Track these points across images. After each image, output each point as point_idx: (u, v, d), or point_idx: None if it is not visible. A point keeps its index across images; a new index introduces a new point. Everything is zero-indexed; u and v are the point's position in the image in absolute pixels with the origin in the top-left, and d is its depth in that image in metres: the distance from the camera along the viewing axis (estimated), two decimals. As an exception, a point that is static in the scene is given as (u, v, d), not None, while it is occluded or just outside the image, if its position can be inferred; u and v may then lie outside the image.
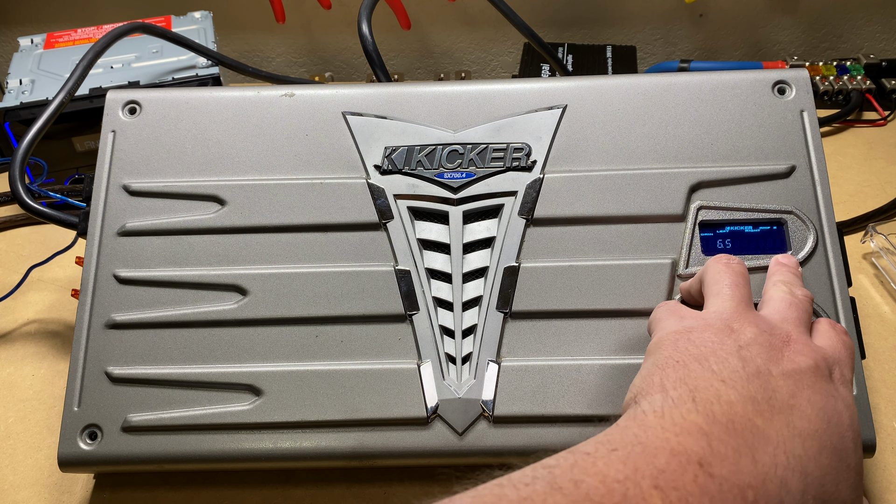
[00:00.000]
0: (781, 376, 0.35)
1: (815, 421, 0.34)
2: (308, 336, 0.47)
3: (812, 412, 0.34)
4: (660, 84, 0.51)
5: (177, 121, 0.52)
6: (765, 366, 0.35)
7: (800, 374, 0.35)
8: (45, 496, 0.48)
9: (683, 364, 0.35)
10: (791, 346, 0.37)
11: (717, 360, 0.35)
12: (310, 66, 0.97)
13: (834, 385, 0.36)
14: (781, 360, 0.36)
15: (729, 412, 0.33)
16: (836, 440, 0.34)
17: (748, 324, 0.37)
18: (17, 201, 0.53)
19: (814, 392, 0.35)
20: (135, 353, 0.47)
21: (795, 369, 0.35)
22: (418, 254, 0.48)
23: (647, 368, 0.37)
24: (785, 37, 0.91)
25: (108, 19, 0.85)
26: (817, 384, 0.35)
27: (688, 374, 0.35)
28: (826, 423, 0.34)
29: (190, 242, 0.49)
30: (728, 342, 0.36)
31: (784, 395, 0.34)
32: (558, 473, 0.30)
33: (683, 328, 0.38)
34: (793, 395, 0.34)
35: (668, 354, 0.36)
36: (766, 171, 0.49)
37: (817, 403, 0.34)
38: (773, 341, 0.37)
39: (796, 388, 0.35)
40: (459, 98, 0.51)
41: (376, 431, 0.45)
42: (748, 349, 0.36)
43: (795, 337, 0.37)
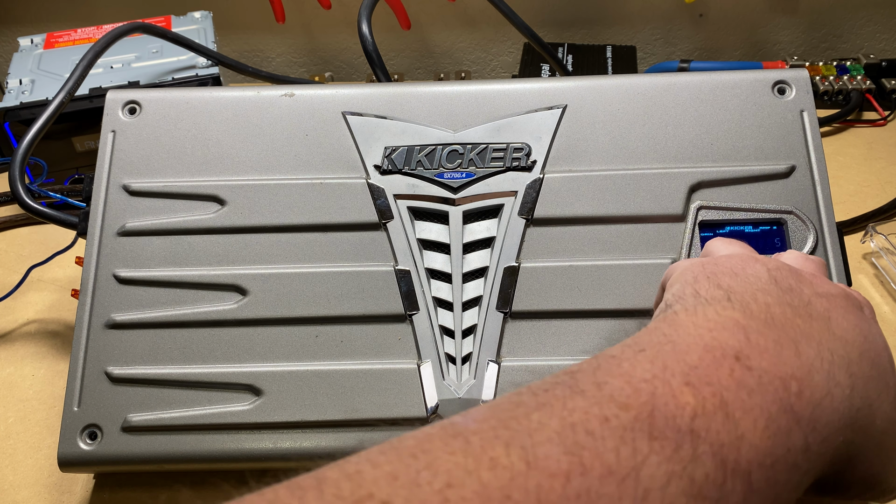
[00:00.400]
0: (815, 295, 0.33)
1: (851, 334, 0.32)
2: (308, 336, 0.47)
3: (849, 326, 0.32)
4: (660, 84, 0.51)
5: (177, 121, 0.52)
6: (797, 285, 0.34)
7: (832, 297, 0.34)
8: (45, 496, 0.48)
9: (714, 276, 0.34)
10: (817, 279, 0.35)
11: (750, 274, 0.34)
12: (310, 66, 0.97)
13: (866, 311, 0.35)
14: (812, 283, 0.34)
15: (767, 310, 0.31)
16: (874, 356, 0.32)
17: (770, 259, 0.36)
18: (17, 201, 0.53)
19: (847, 311, 0.33)
20: (135, 353, 0.47)
21: (827, 292, 0.34)
22: (418, 254, 0.48)
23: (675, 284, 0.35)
24: (785, 37, 0.91)
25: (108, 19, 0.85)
26: (849, 306, 0.34)
27: (720, 281, 0.33)
28: (863, 339, 0.32)
29: (190, 242, 0.49)
30: (757, 266, 0.34)
31: (820, 308, 0.33)
32: (580, 378, 0.28)
33: (706, 258, 0.36)
34: (828, 310, 0.33)
35: (696, 273, 0.34)
36: (766, 171, 0.49)
37: (852, 321, 0.33)
38: (798, 273, 0.35)
39: (830, 305, 0.33)
40: (459, 98, 0.51)
41: (376, 431, 0.45)
42: (778, 272, 0.34)
43: (819, 276, 0.36)
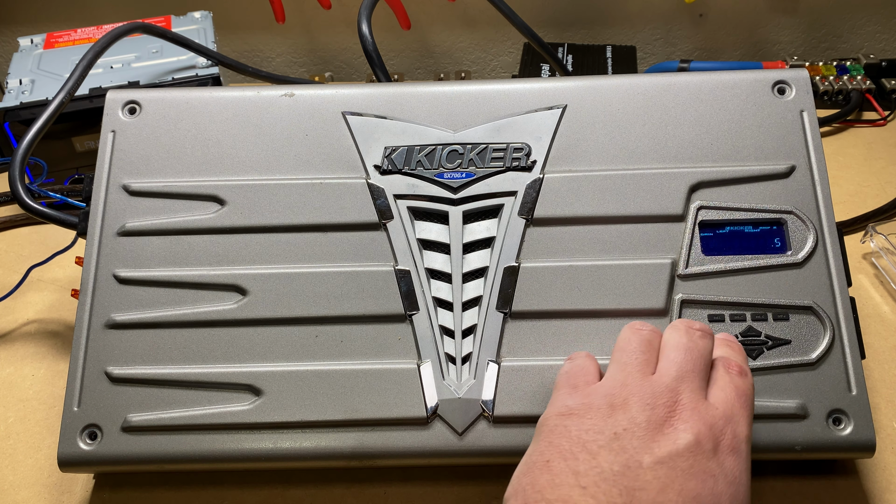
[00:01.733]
0: (653, 467, 0.34)
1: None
2: (308, 336, 0.47)
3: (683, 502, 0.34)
4: (660, 84, 0.51)
5: (177, 121, 0.52)
6: (636, 456, 0.35)
7: (675, 458, 0.35)
8: (45, 496, 0.48)
9: (549, 466, 0.35)
10: (676, 415, 0.36)
11: (585, 457, 0.35)
12: (310, 66, 0.97)
13: (718, 459, 0.36)
14: (660, 440, 0.35)
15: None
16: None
17: (633, 398, 0.37)
18: (17, 201, 0.53)
19: (688, 478, 0.34)
20: (135, 353, 0.47)
21: (672, 452, 0.35)
22: (418, 254, 0.48)
23: (523, 465, 0.37)
24: (785, 37, 0.91)
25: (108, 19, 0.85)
26: (695, 466, 0.35)
27: (551, 481, 0.35)
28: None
29: (190, 242, 0.49)
30: (605, 429, 0.36)
31: (652, 492, 0.34)
32: None
33: (566, 410, 0.38)
34: (662, 490, 0.34)
35: (542, 449, 0.37)
36: (766, 171, 0.49)
37: (690, 492, 0.34)
38: (654, 417, 0.36)
39: (668, 478, 0.34)
40: (459, 98, 0.51)
41: (376, 431, 0.45)
42: (623, 436, 0.36)
43: (684, 401, 0.37)
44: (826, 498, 0.46)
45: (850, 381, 0.45)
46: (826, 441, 0.44)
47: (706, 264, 0.47)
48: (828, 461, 0.47)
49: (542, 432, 0.38)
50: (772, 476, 0.47)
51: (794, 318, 0.46)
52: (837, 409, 0.44)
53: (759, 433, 0.44)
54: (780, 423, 0.44)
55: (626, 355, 0.40)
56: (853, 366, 0.45)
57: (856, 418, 0.44)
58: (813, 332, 0.46)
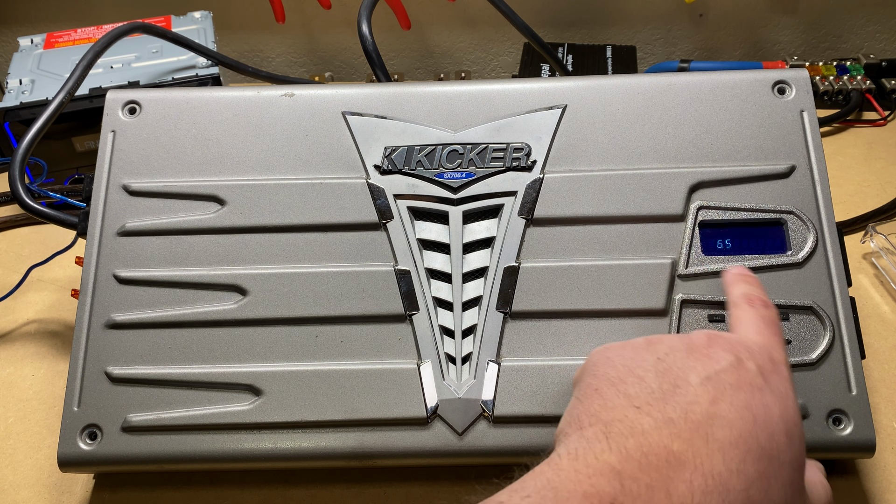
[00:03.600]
0: (700, 383, 0.35)
1: (737, 425, 0.33)
2: (308, 336, 0.47)
3: (735, 416, 0.34)
4: (660, 84, 0.51)
5: (177, 121, 0.52)
6: (683, 375, 0.35)
7: (720, 375, 0.35)
8: (45, 496, 0.48)
9: (600, 392, 0.36)
10: (712, 343, 0.37)
11: (634, 380, 0.36)
12: (310, 66, 0.97)
13: (763, 376, 0.36)
14: (702, 361, 0.36)
15: (643, 444, 0.33)
16: (763, 440, 0.34)
17: (668, 337, 0.38)
18: (17, 201, 0.53)
19: (736, 392, 0.35)
20: (135, 353, 0.47)
21: (716, 371, 0.35)
22: (418, 254, 0.48)
23: (572, 401, 0.38)
24: (785, 37, 0.91)
25: (108, 19, 0.85)
26: (741, 381, 0.35)
27: (603, 405, 0.35)
28: (752, 424, 0.34)
29: (190, 242, 0.49)
30: (646, 355, 0.37)
31: (704, 404, 0.34)
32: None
33: (605, 349, 0.39)
34: (713, 402, 0.34)
35: (588, 382, 0.37)
36: (766, 171, 0.49)
37: (740, 402, 0.34)
38: (692, 343, 0.37)
39: (717, 391, 0.35)
40: (459, 98, 0.51)
41: (376, 431, 0.45)
42: (666, 359, 0.36)
43: (716, 337, 0.38)
44: (826, 498, 0.46)
45: (850, 381, 0.45)
46: (826, 441, 0.44)
47: (706, 264, 0.47)
48: (828, 461, 0.47)
49: (585, 370, 0.38)
50: (772, 476, 0.47)
51: (794, 318, 0.46)
52: (837, 409, 0.44)
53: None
54: (780, 423, 0.44)
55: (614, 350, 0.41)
56: (853, 366, 0.45)
57: (856, 418, 0.44)
58: (813, 332, 0.46)
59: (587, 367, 0.39)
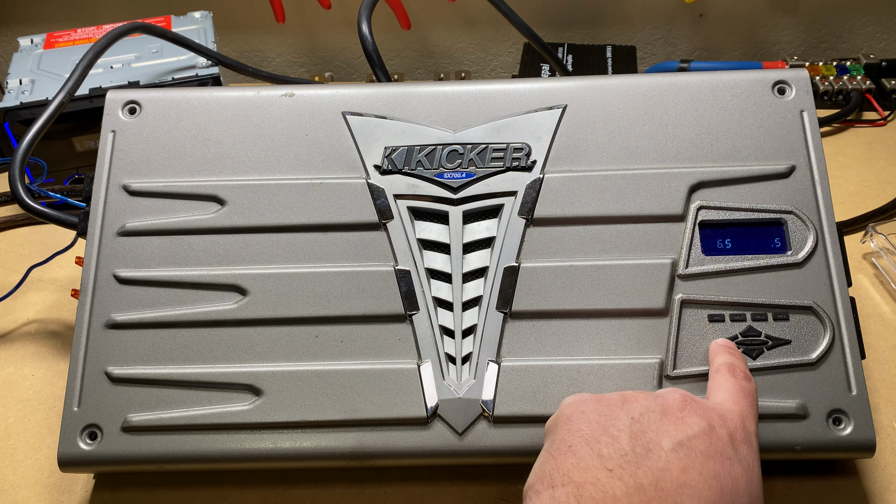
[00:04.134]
0: (673, 449, 0.36)
1: (705, 495, 0.34)
2: (308, 336, 0.47)
3: (703, 486, 0.35)
4: (660, 84, 0.51)
5: (177, 121, 0.52)
6: (656, 438, 0.36)
7: (693, 441, 0.36)
8: (45, 496, 0.48)
9: (573, 450, 0.36)
10: (686, 407, 0.38)
11: (608, 440, 0.36)
12: (310, 66, 0.97)
13: (733, 445, 0.37)
14: (676, 425, 0.37)
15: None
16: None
17: (642, 394, 0.39)
18: (17, 201, 0.53)
19: (706, 460, 0.35)
20: (135, 353, 0.47)
21: (688, 436, 0.36)
22: (418, 254, 0.48)
23: (543, 454, 0.38)
24: (785, 37, 0.91)
25: (108, 19, 0.85)
26: (712, 448, 0.36)
27: (577, 465, 0.36)
28: (719, 495, 0.35)
29: (190, 242, 0.49)
30: (621, 415, 0.37)
31: (675, 472, 0.35)
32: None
33: (580, 401, 0.39)
34: (684, 470, 0.35)
35: (562, 437, 0.38)
36: (766, 171, 0.49)
37: (710, 472, 0.35)
38: (666, 406, 0.38)
39: (688, 459, 0.35)
40: (459, 98, 0.51)
41: (376, 431, 0.45)
42: (640, 420, 0.37)
43: (693, 399, 0.38)
44: (826, 498, 0.46)
45: (850, 381, 0.45)
46: (826, 441, 0.44)
47: (706, 264, 0.47)
48: (828, 461, 0.47)
49: (559, 423, 0.39)
50: (772, 476, 0.47)
51: (794, 318, 0.46)
52: (837, 409, 0.44)
53: (760, 433, 0.44)
54: (780, 423, 0.44)
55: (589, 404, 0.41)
56: (853, 366, 0.45)
57: (856, 418, 0.44)
58: (813, 332, 0.46)
59: (561, 419, 0.39)
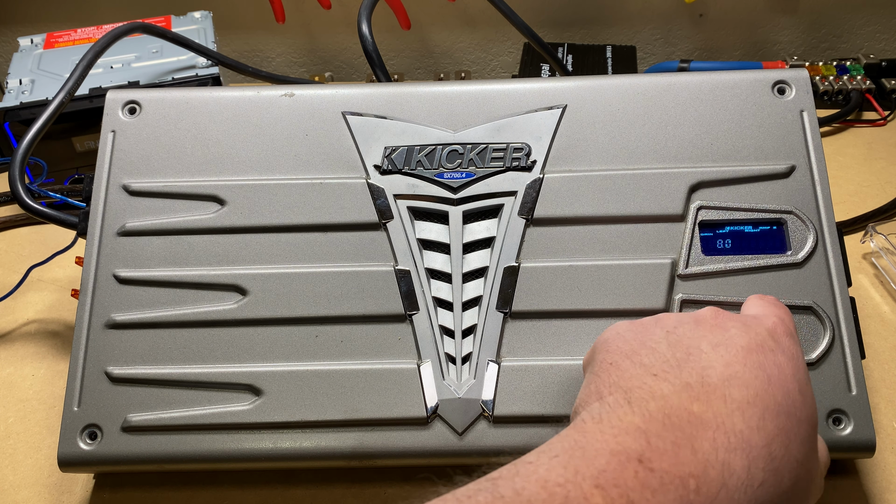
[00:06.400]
0: (713, 348, 0.36)
1: (753, 384, 0.34)
2: (308, 336, 0.47)
3: (749, 375, 0.34)
4: (660, 84, 0.51)
5: (177, 121, 0.52)
6: (695, 343, 0.36)
7: (731, 340, 0.36)
8: (45, 496, 0.48)
9: (616, 365, 0.36)
10: (719, 315, 0.38)
11: (647, 351, 0.36)
12: (310, 66, 0.97)
13: (773, 339, 0.37)
14: (711, 330, 0.37)
15: (664, 406, 0.33)
16: (780, 397, 0.34)
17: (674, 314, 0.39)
18: (17, 201, 0.53)
19: (748, 353, 0.35)
20: (135, 353, 0.47)
21: (727, 338, 0.36)
22: (418, 254, 0.48)
23: (587, 378, 0.38)
24: (785, 37, 0.91)
25: (108, 19, 0.85)
26: (751, 343, 0.36)
27: (621, 376, 0.36)
28: (767, 383, 0.34)
29: (190, 242, 0.49)
30: (656, 330, 0.38)
31: (719, 368, 0.35)
32: (501, 483, 0.31)
33: (613, 329, 0.40)
34: (727, 364, 0.35)
35: (602, 358, 0.38)
36: (766, 171, 0.49)
37: (754, 363, 0.35)
38: (699, 317, 0.38)
39: (729, 355, 0.35)
40: (459, 98, 0.51)
41: (376, 431, 0.45)
42: (675, 331, 0.37)
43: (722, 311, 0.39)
44: (826, 498, 0.46)
45: (850, 381, 0.45)
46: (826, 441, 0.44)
47: (706, 264, 0.47)
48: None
49: (597, 350, 0.39)
50: (772, 476, 0.47)
51: (794, 318, 0.46)
52: (837, 409, 0.44)
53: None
54: (780, 423, 0.44)
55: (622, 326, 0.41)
56: (853, 366, 0.45)
57: (856, 418, 0.44)
58: (813, 332, 0.46)
59: (598, 345, 0.39)
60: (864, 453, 0.44)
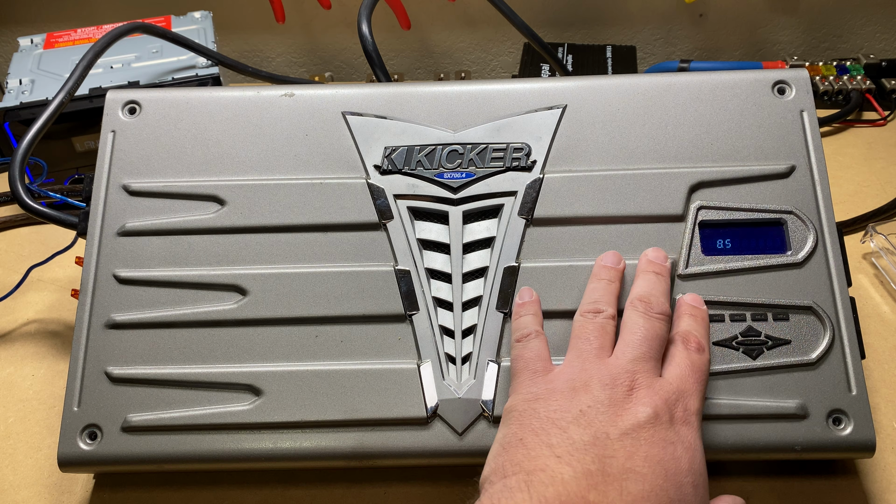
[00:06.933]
0: (619, 438, 0.37)
1: (650, 479, 0.36)
2: (308, 336, 0.47)
3: (648, 470, 0.36)
4: (660, 84, 0.51)
5: (177, 121, 0.52)
6: (603, 429, 0.37)
7: (638, 430, 0.37)
8: (45, 496, 0.48)
9: (524, 442, 0.38)
10: (634, 394, 0.39)
11: (557, 431, 0.37)
12: (310, 66, 0.97)
13: (675, 429, 0.38)
14: (622, 415, 0.38)
15: (562, 493, 0.35)
16: (672, 492, 0.36)
17: (593, 380, 0.39)
18: (17, 201, 0.53)
19: (651, 446, 0.37)
20: (135, 353, 0.47)
21: (634, 425, 0.37)
22: (418, 254, 0.48)
23: (496, 446, 0.39)
24: (785, 37, 0.91)
25: (108, 19, 0.85)
26: (656, 435, 0.37)
27: (526, 455, 0.37)
28: (663, 478, 0.36)
29: (190, 242, 0.49)
30: (571, 408, 0.38)
31: (621, 458, 0.36)
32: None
33: (531, 396, 0.40)
34: (630, 457, 0.36)
35: (514, 431, 0.39)
36: (766, 171, 0.49)
37: (654, 457, 0.36)
38: (615, 396, 0.39)
39: (633, 447, 0.37)
40: (459, 98, 0.51)
41: (376, 431, 0.45)
42: (588, 413, 0.38)
43: (640, 381, 0.39)
44: (826, 498, 0.46)
45: (850, 381, 0.45)
46: (826, 441, 0.44)
47: (706, 264, 0.47)
48: (828, 461, 0.47)
49: (511, 417, 0.40)
50: (772, 476, 0.47)
51: (794, 318, 0.46)
52: (837, 409, 0.44)
53: (760, 433, 0.44)
54: (780, 423, 0.44)
55: (582, 342, 0.42)
56: (853, 366, 0.45)
57: (856, 418, 0.44)
58: (813, 332, 0.46)
59: (513, 412, 0.40)
60: (864, 453, 0.44)
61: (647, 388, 0.39)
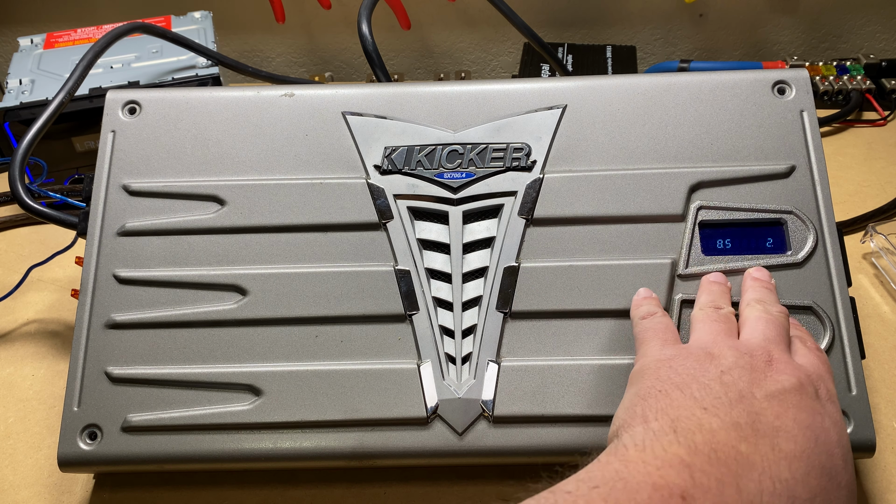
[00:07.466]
0: (765, 398, 0.35)
1: (801, 441, 0.34)
2: (308, 336, 0.47)
3: (798, 432, 0.34)
4: (660, 84, 0.51)
5: (177, 121, 0.52)
6: (748, 389, 0.35)
7: (784, 394, 0.35)
8: (45, 496, 0.48)
9: (665, 393, 0.36)
10: (773, 365, 0.37)
11: (699, 386, 0.35)
12: (310, 66, 0.97)
13: (821, 402, 0.36)
14: (765, 381, 0.36)
15: (711, 441, 0.32)
16: (824, 459, 0.34)
17: (728, 349, 0.38)
18: (17, 201, 0.53)
19: (800, 410, 0.35)
20: (135, 353, 0.47)
21: (780, 389, 0.36)
22: (418, 254, 0.48)
23: (630, 399, 0.37)
24: (785, 37, 0.91)
25: (108, 19, 0.85)
26: (803, 402, 0.35)
27: (669, 404, 0.35)
28: (814, 443, 0.34)
29: (190, 242, 0.49)
30: (710, 368, 0.37)
31: (769, 416, 0.34)
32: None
33: (665, 356, 0.39)
34: (778, 416, 0.34)
35: (650, 384, 0.37)
36: (766, 171, 0.49)
37: (804, 422, 0.34)
38: (754, 363, 0.37)
39: (781, 408, 0.35)
40: (459, 98, 0.51)
41: (376, 431, 0.45)
42: (730, 373, 0.36)
43: (777, 356, 0.38)
44: (826, 498, 0.46)
45: (850, 381, 0.45)
46: (826, 441, 0.44)
47: (706, 264, 0.47)
48: (828, 461, 0.47)
49: (645, 374, 0.38)
50: (772, 476, 0.47)
51: (794, 318, 0.46)
52: (837, 409, 0.44)
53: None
54: (780, 423, 0.44)
55: (707, 324, 0.41)
56: (853, 366, 0.45)
57: (856, 418, 0.44)
58: (813, 332, 0.46)
59: (647, 370, 0.38)
60: (865, 453, 0.44)
61: (787, 363, 0.37)
